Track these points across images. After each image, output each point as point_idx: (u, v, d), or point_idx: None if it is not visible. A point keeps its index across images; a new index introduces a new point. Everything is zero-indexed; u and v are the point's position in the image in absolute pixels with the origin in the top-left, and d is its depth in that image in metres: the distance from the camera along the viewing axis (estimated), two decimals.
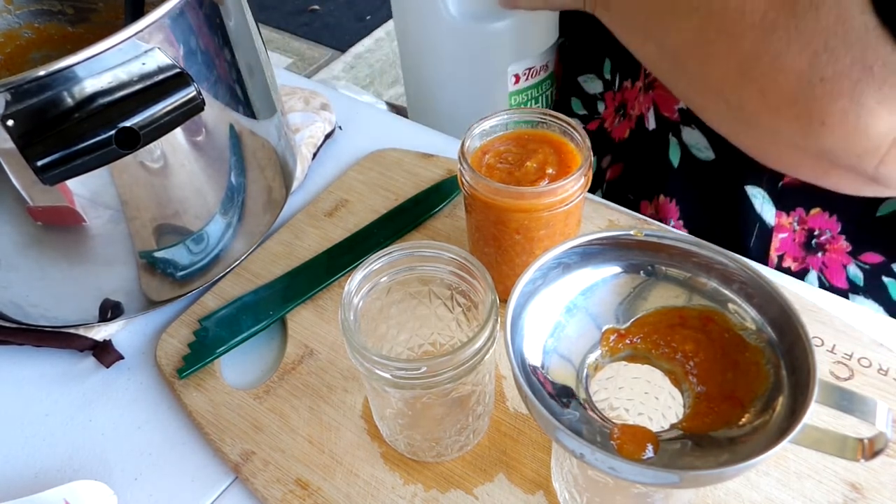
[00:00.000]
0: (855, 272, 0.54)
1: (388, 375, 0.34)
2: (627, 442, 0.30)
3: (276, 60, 2.21)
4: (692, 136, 0.56)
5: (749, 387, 0.31)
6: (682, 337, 0.33)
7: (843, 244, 0.54)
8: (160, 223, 0.45)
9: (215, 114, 0.45)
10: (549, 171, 0.43)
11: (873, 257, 0.53)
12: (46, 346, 0.49)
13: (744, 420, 0.30)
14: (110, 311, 0.48)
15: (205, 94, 0.39)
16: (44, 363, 0.49)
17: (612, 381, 0.36)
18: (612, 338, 0.34)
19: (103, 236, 0.43)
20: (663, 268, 0.34)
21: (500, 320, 0.33)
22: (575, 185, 0.41)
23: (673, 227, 0.59)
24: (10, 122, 0.34)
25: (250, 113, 0.48)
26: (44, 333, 0.49)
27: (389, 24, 2.23)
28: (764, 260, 0.56)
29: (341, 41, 2.25)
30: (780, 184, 0.54)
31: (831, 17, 0.36)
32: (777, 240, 0.55)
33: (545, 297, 0.34)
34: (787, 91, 0.38)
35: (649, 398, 0.36)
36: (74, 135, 0.34)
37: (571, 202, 0.42)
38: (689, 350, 0.33)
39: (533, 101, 0.70)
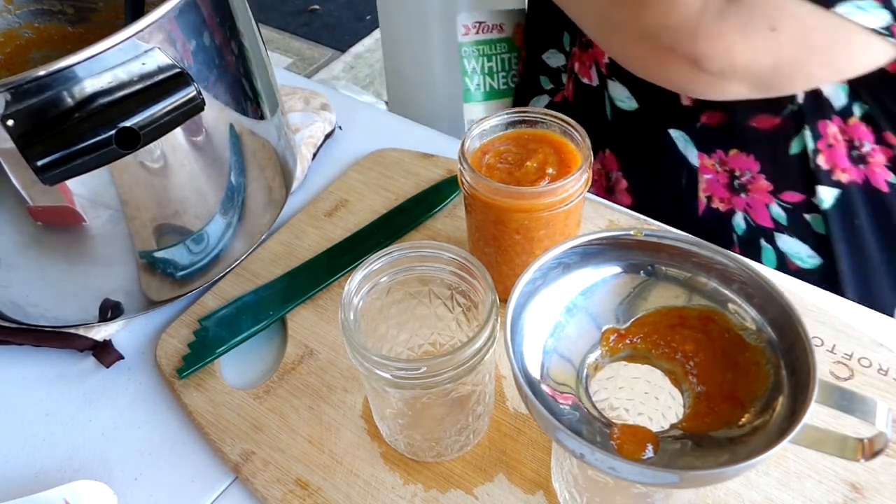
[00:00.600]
0: (778, 211, 0.56)
1: (388, 375, 0.34)
2: (627, 442, 0.30)
3: (276, 60, 2.21)
4: (615, 90, 0.60)
5: (749, 387, 0.31)
6: (682, 337, 0.33)
7: (764, 184, 0.56)
8: (160, 223, 0.45)
9: (215, 114, 0.45)
10: (549, 171, 0.43)
11: (793, 196, 0.55)
12: (46, 346, 0.49)
13: (744, 420, 0.30)
14: (110, 311, 0.48)
15: (205, 94, 0.39)
16: (44, 363, 0.49)
17: (612, 381, 0.36)
18: (612, 338, 0.34)
19: (103, 236, 0.43)
20: (663, 268, 0.34)
21: (500, 320, 0.33)
22: (575, 185, 0.41)
23: (615, 179, 0.63)
24: (10, 122, 0.34)
25: (250, 113, 0.48)
26: (44, 333, 0.49)
27: None
28: (695, 202, 0.58)
29: (341, 41, 2.25)
30: (698, 124, 0.56)
31: None
32: (703, 181, 0.58)
33: (545, 297, 0.34)
34: None
35: (649, 398, 0.36)
36: (74, 135, 0.34)
37: (571, 202, 0.42)
38: (689, 350, 0.33)
39: (485, 59, 0.74)
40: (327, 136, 0.62)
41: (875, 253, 0.55)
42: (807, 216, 0.55)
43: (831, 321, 0.45)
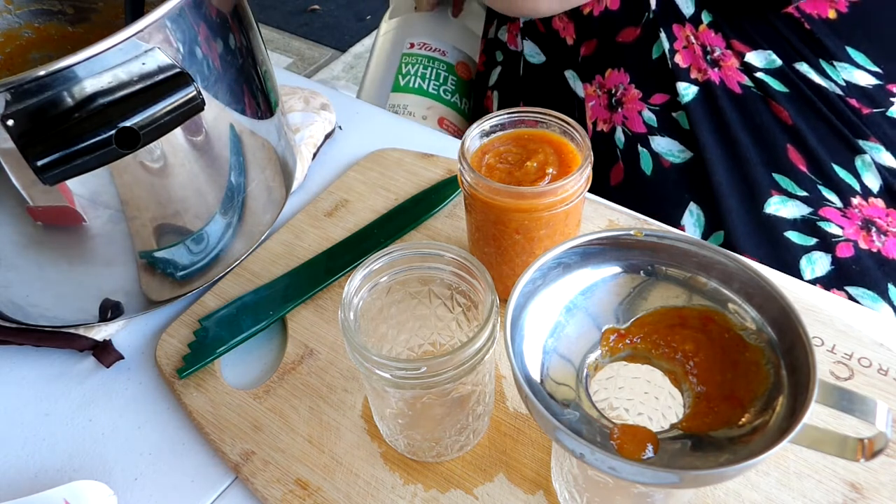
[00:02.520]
0: (649, 115, 0.63)
1: (388, 375, 0.34)
2: (627, 442, 0.30)
3: (276, 60, 2.21)
4: (528, 47, 0.72)
5: (749, 387, 0.31)
6: (682, 337, 0.33)
7: (635, 92, 0.63)
8: (160, 223, 0.45)
9: (215, 114, 0.45)
10: (550, 171, 0.43)
11: (660, 97, 0.63)
12: (46, 346, 0.49)
13: (744, 420, 0.30)
14: (110, 311, 0.48)
15: (205, 94, 0.39)
16: (44, 363, 0.49)
17: (612, 381, 0.36)
18: (612, 338, 0.34)
19: (103, 236, 0.43)
20: (663, 268, 0.34)
21: (500, 320, 0.33)
22: (575, 184, 0.41)
23: None
24: (10, 122, 0.34)
25: (250, 113, 0.48)
26: (44, 333, 0.49)
27: None
28: (585, 129, 0.65)
29: (341, 41, 2.25)
30: (580, 58, 0.66)
31: None
32: (589, 109, 0.67)
33: (545, 297, 0.34)
34: None
35: (649, 398, 0.36)
36: (74, 135, 0.34)
37: (571, 202, 0.42)
38: (689, 350, 0.33)
39: (421, 66, 0.84)
40: (327, 136, 0.62)
41: (743, 140, 0.60)
42: (673, 114, 0.62)
43: (831, 321, 0.45)
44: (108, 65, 0.36)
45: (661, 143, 0.62)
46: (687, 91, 0.60)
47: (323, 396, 0.45)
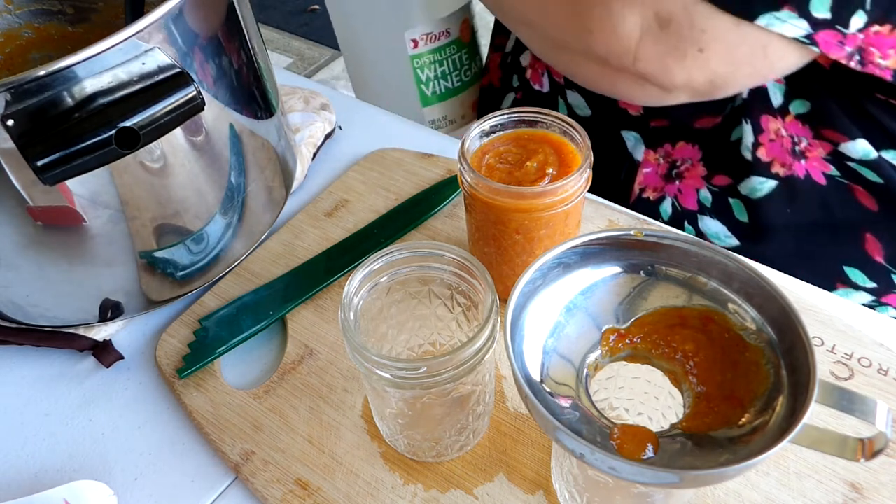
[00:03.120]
0: (705, 195, 0.60)
1: (388, 375, 0.34)
2: (627, 442, 0.30)
3: (276, 60, 2.21)
4: (574, 98, 0.66)
5: (749, 387, 0.31)
6: (682, 337, 0.33)
7: (700, 170, 0.60)
8: (160, 223, 0.45)
9: (215, 114, 0.45)
10: (550, 171, 0.43)
11: (722, 179, 0.59)
12: (46, 346, 0.49)
13: (744, 420, 0.30)
14: (110, 311, 0.48)
15: (205, 94, 0.39)
16: (44, 363, 0.49)
17: (612, 381, 0.36)
18: (612, 338, 0.34)
19: (103, 236, 0.43)
20: (663, 268, 0.34)
21: (500, 320, 0.33)
22: (575, 185, 0.41)
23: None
24: (10, 122, 0.34)
25: (250, 113, 0.48)
26: (44, 333, 0.49)
27: None
28: (628, 192, 0.63)
29: None
30: (650, 125, 0.61)
31: None
32: (641, 174, 0.63)
33: (545, 297, 0.34)
34: (562, 10, 0.47)
35: (649, 398, 0.36)
36: (74, 135, 0.34)
37: (571, 202, 0.42)
38: (689, 350, 0.33)
39: (437, 65, 0.78)
40: (327, 136, 0.62)
41: (816, 233, 0.57)
42: (730, 199, 0.58)
43: (831, 321, 0.45)
44: (108, 65, 0.36)
45: (710, 225, 0.59)
46: (763, 185, 0.56)
47: (323, 396, 0.45)
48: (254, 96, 0.49)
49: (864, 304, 0.53)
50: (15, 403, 0.47)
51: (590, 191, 0.55)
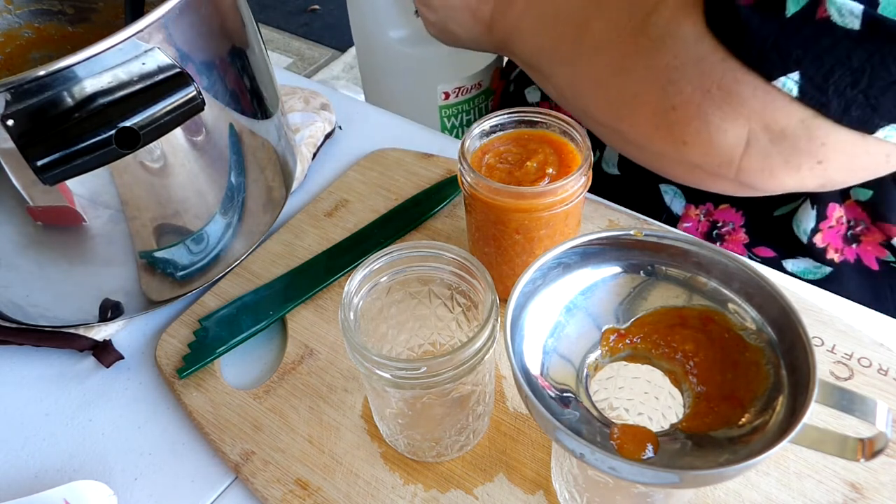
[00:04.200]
0: None
1: (388, 375, 0.34)
2: (627, 442, 0.30)
3: (276, 60, 2.21)
4: (608, 154, 0.63)
5: (749, 387, 0.31)
6: (682, 337, 0.33)
7: (742, 236, 0.57)
8: (160, 223, 0.45)
9: (215, 114, 0.45)
10: (550, 171, 0.43)
11: (766, 251, 0.57)
12: (46, 346, 0.49)
13: (744, 420, 0.30)
14: (110, 311, 0.48)
15: (205, 94, 0.39)
16: (44, 363, 0.49)
17: (612, 381, 0.36)
18: (612, 338, 0.34)
19: (103, 236, 0.43)
20: (663, 268, 0.34)
21: (500, 320, 0.33)
22: (575, 184, 0.41)
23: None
24: (10, 122, 0.34)
25: (250, 113, 0.48)
26: (44, 333, 0.49)
27: None
28: None
29: (341, 41, 2.25)
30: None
31: (669, 54, 0.41)
32: (681, 228, 0.60)
33: (545, 297, 0.34)
34: (650, 121, 0.44)
35: (649, 398, 0.36)
36: (74, 135, 0.34)
37: (571, 202, 0.42)
38: (689, 350, 0.33)
39: (464, 115, 0.78)
40: (327, 136, 0.62)
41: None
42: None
43: (831, 321, 0.45)
44: (108, 65, 0.36)
45: None
46: (818, 270, 0.55)
47: (323, 396, 0.45)
48: (254, 96, 0.49)
49: None
50: (15, 403, 0.47)
51: None
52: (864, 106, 0.38)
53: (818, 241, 0.54)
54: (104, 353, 0.48)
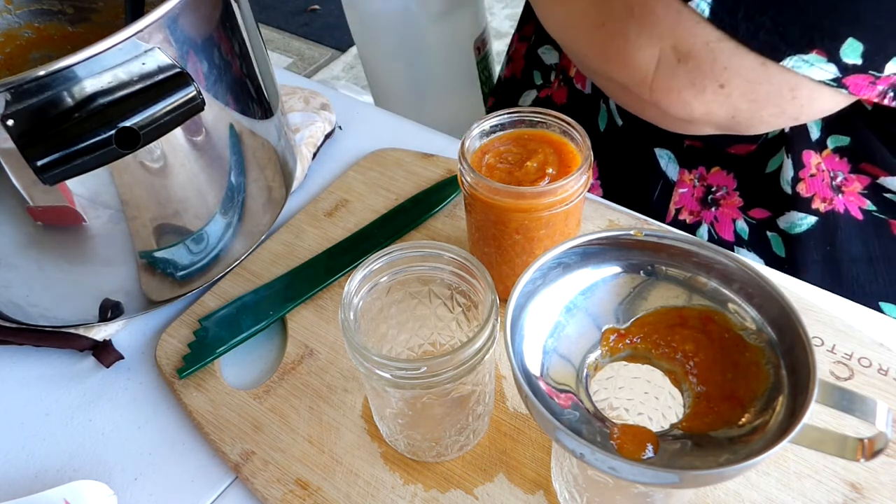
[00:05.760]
0: (742, 226, 0.58)
1: (388, 375, 0.34)
2: (627, 442, 0.30)
3: (276, 60, 2.21)
4: (615, 104, 0.63)
5: (749, 387, 0.31)
6: (682, 337, 0.33)
7: (737, 199, 0.58)
8: (160, 223, 0.45)
9: (215, 114, 0.45)
10: (550, 171, 0.43)
11: (760, 213, 0.58)
12: (46, 346, 0.49)
13: (744, 420, 0.30)
14: (110, 311, 0.48)
15: (205, 94, 0.39)
16: (44, 363, 0.49)
17: (612, 381, 0.36)
18: (612, 338, 0.34)
19: (103, 236, 0.43)
20: (663, 268, 0.34)
21: (500, 320, 0.33)
22: (575, 184, 0.41)
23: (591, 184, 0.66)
24: (10, 122, 0.34)
25: (250, 113, 0.48)
26: (44, 333, 0.49)
27: None
28: (663, 212, 0.61)
29: (341, 41, 2.25)
30: (685, 144, 0.59)
31: None
32: (677, 194, 0.60)
33: (545, 297, 0.34)
34: (588, 39, 0.47)
35: (649, 398, 0.36)
36: (74, 135, 0.34)
37: (571, 202, 0.42)
38: (689, 350, 0.33)
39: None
40: (327, 136, 0.62)
41: (853, 269, 0.56)
42: (768, 233, 0.57)
43: (831, 321, 0.45)
44: (108, 65, 0.36)
45: (746, 257, 0.57)
46: (802, 221, 0.55)
47: (323, 396, 0.45)
48: (254, 96, 0.49)
49: None
50: (15, 403, 0.47)
51: (616, 203, 0.55)
52: (773, 32, 0.39)
53: (802, 190, 0.55)
54: (104, 353, 0.48)
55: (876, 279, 0.56)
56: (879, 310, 0.55)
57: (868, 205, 0.55)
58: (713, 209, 0.59)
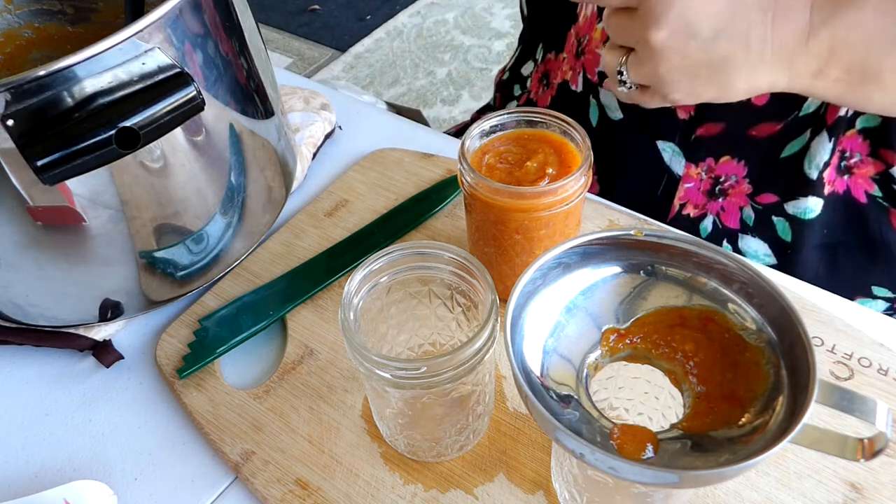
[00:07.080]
0: (749, 213, 0.57)
1: (388, 375, 0.34)
2: (627, 442, 0.30)
3: (276, 60, 2.21)
4: (607, 98, 0.60)
5: (749, 387, 0.31)
6: (682, 337, 0.33)
7: (745, 187, 0.57)
8: (160, 223, 0.45)
9: (215, 114, 0.45)
10: (549, 171, 0.43)
11: (768, 198, 0.56)
12: (46, 346, 0.49)
13: (744, 420, 0.30)
14: (110, 311, 0.48)
15: (205, 94, 0.39)
16: (44, 363, 0.49)
17: (612, 381, 0.36)
18: (612, 338, 0.34)
19: (103, 236, 0.43)
20: (663, 268, 0.34)
21: (500, 320, 0.33)
22: (575, 184, 0.41)
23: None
24: (10, 122, 0.34)
25: (250, 113, 0.48)
26: (44, 333, 0.49)
27: (389, 24, 2.23)
28: (666, 209, 0.60)
29: (341, 41, 2.25)
30: (693, 136, 0.57)
31: None
32: (682, 189, 0.59)
33: (545, 297, 0.34)
34: None
35: (649, 398, 0.36)
36: (74, 135, 0.34)
37: (571, 202, 0.42)
38: (689, 350, 0.33)
39: None
40: (327, 136, 0.62)
41: (849, 255, 0.56)
42: (773, 218, 0.56)
43: (831, 321, 0.45)
44: (108, 65, 0.36)
45: (751, 244, 0.57)
46: (816, 206, 0.54)
47: (323, 396, 0.45)
48: (254, 96, 0.49)
49: (882, 312, 0.53)
50: (15, 403, 0.47)
51: (624, 205, 0.55)
52: None
53: (826, 175, 0.53)
54: (104, 353, 0.48)
55: (870, 264, 0.56)
56: (871, 294, 0.55)
57: (875, 190, 0.54)
58: (720, 199, 0.58)
